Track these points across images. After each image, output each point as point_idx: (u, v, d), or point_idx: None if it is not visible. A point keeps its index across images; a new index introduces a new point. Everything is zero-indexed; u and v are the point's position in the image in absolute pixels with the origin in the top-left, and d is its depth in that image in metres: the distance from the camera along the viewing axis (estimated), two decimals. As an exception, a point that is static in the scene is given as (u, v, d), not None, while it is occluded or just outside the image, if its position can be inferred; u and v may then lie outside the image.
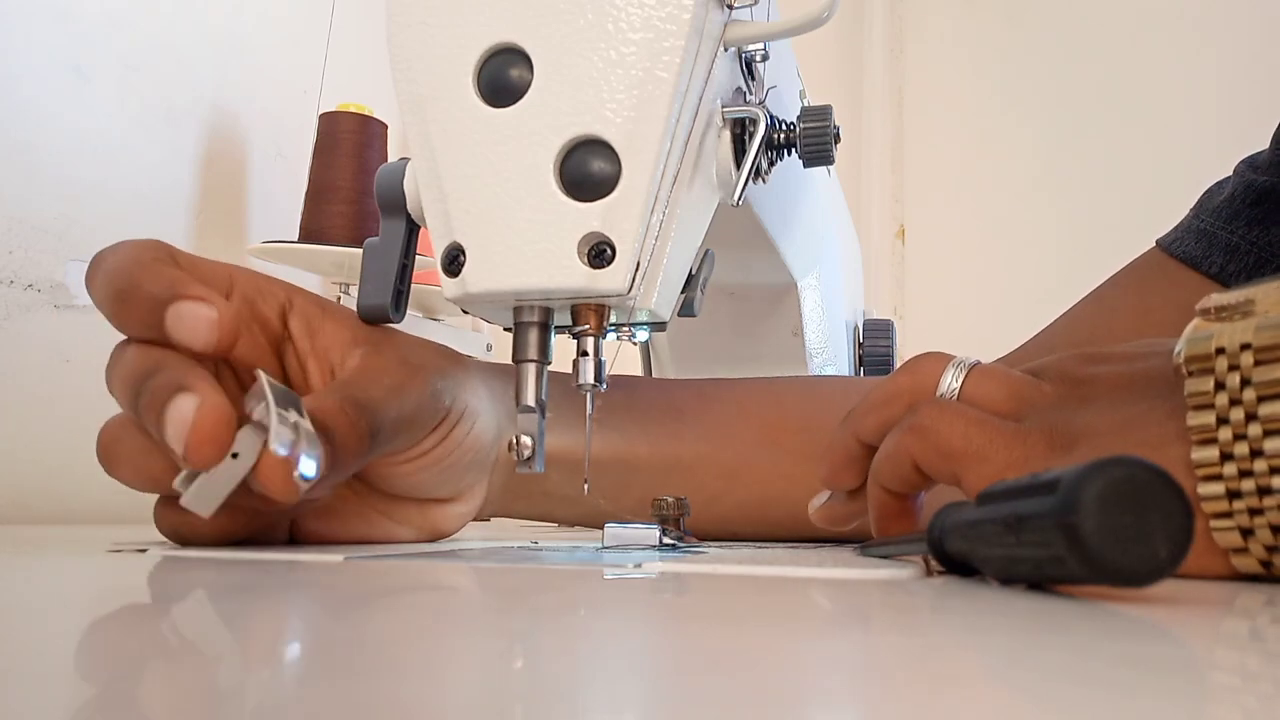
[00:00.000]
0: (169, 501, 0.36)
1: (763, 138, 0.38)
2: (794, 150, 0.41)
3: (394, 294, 0.42)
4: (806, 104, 0.53)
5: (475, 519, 0.48)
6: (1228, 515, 0.26)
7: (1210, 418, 0.27)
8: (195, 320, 0.34)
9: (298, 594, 0.24)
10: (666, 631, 0.18)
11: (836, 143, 0.41)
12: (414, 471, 0.42)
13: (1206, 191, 0.55)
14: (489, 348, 1.01)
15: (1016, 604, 0.22)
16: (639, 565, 0.32)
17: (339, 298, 0.85)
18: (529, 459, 0.36)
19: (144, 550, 0.35)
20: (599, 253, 0.35)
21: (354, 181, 0.85)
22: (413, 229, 0.42)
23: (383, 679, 0.13)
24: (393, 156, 0.88)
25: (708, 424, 0.50)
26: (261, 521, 0.38)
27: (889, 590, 0.25)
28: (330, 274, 0.87)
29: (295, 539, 0.41)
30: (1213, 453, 0.26)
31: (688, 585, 0.26)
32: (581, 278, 0.35)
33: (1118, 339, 0.49)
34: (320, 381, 0.41)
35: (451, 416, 0.42)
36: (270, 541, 0.40)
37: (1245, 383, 0.26)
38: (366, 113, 0.87)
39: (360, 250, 0.43)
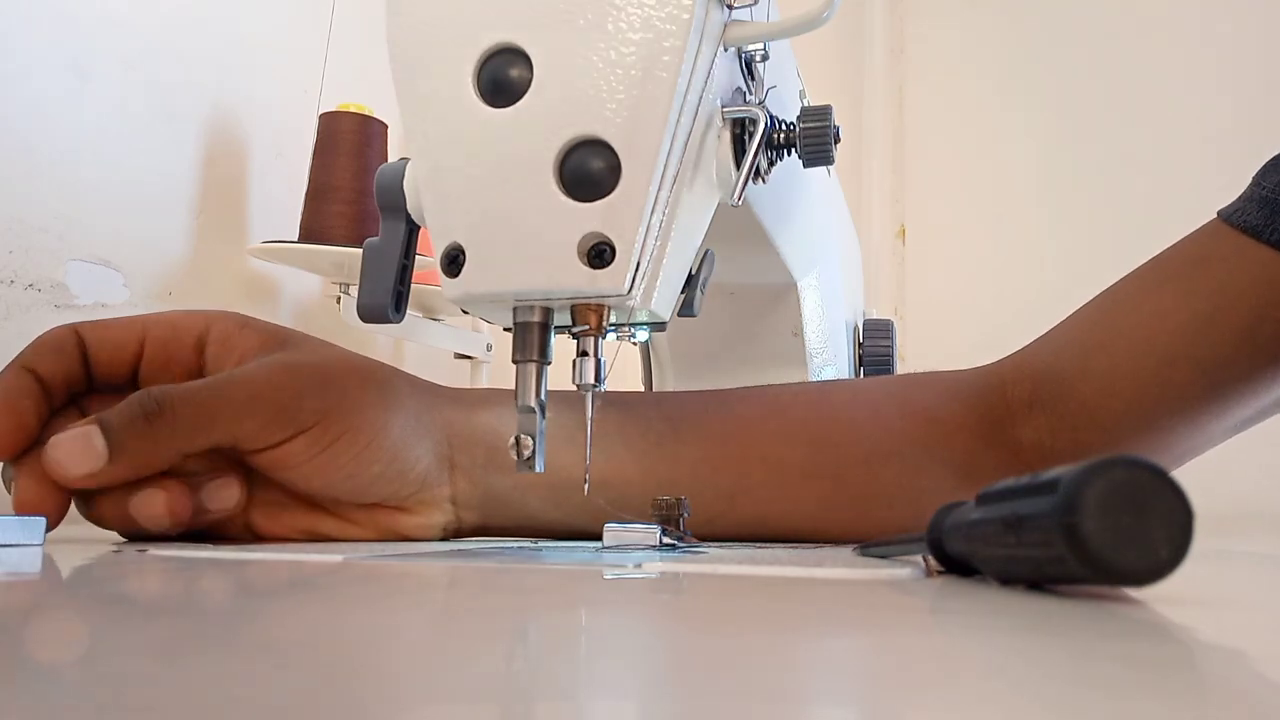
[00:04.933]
0: (99, 499, 0.39)
1: (762, 138, 0.38)
2: (794, 150, 0.41)
3: (394, 294, 0.42)
4: (806, 104, 0.53)
5: (456, 536, 0.47)
6: None
7: None
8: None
9: (297, 593, 0.24)
10: (666, 631, 0.18)
11: (836, 143, 0.41)
12: (306, 476, 0.42)
13: (1269, 161, 0.53)
14: (489, 348, 1.01)
15: (1016, 604, 0.22)
16: (639, 565, 0.32)
17: (339, 298, 0.85)
18: (529, 459, 0.36)
19: (143, 550, 0.35)
20: (599, 253, 0.35)
21: (354, 181, 0.85)
22: (413, 229, 0.42)
23: (382, 679, 0.13)
24: (393, 156, 0.88)
25: (706, 444, 0.48)
26: (208, 518, 0.41)
27: (889, 590, 0.25)
28: (330, 274, 0.86)
29: (251, 533, 0.43)
30: None
31: (688, 585, 0.26)
32: (581, 278, 0.35)
33: (1167, 310, 0.46)
34: None
35: (328, 430, 0.41)
36: (225, 536, 0.42)
37: None
38: (366, 113, 0.87)
39: (360, 250, 0.43)
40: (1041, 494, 0.21)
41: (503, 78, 0.35)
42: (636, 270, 0.35)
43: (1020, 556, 0.22)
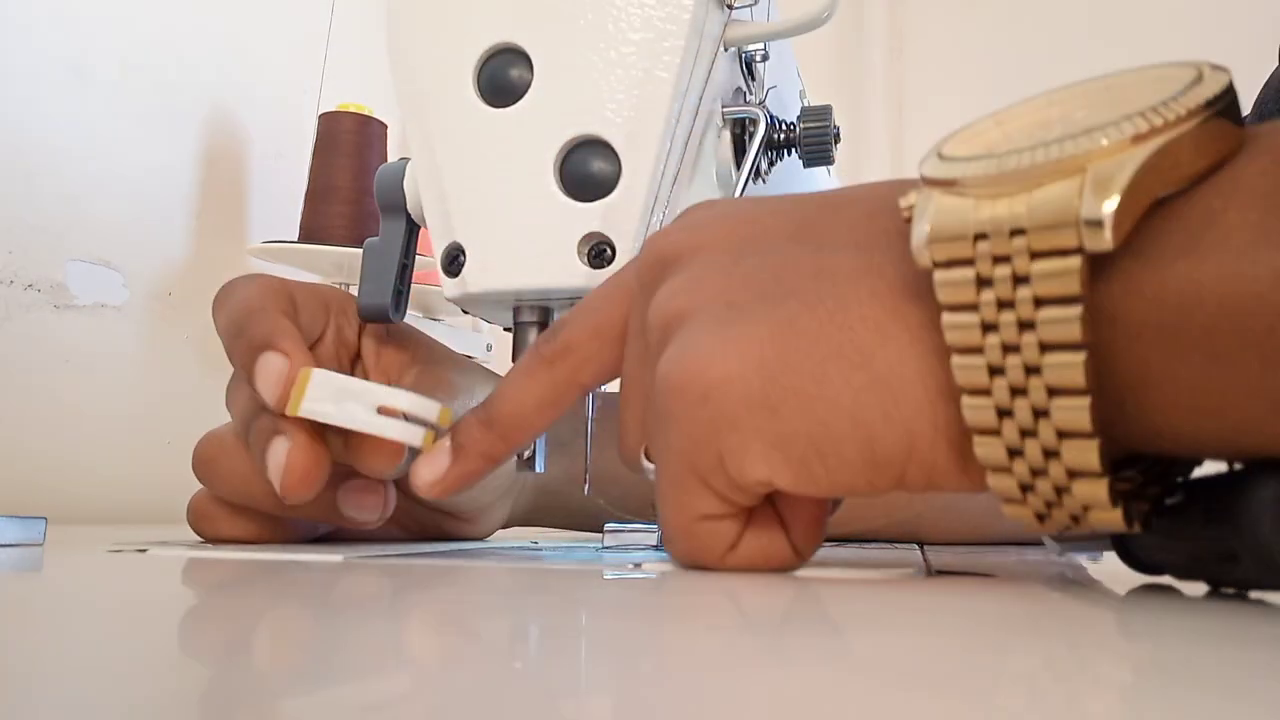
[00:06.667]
0: (216, 504, 0.39)
1: (763, 138, 0.38)
2: (794, 150, 0.41)
3: (394, 294, 0.42)
4: (806, 104, 0.53)
5: (503, 527, 0.49)
6: (1008, 471, 0.22)
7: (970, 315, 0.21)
8: (270, 370, 0.35)
9: (296, 594, 0.24)
10: (666, 632, 0.18)
11: (836, 143, 0.41)
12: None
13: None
14: (489, 348, 1.01)
15: (1016, 604, 0.22)
16: (639, 565, 0.32)
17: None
18: (529, 459, 0.36)
19: (144, 550, 0.35)
20: (599, 253, 0.35)
21: (354, 181, 0.85)
22: (413, 229, 0.42)
23: (380, 679, 0.13)
24: (393, 156, 0.88)
25: None
26: (290, 532, 0.41)
27: (889, 590, 0.25)
28: (330, 274, 0.87)
29: (325, 538, 0.43)
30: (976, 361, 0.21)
31: (687, 585, 0.26)
32: (582, 278, 0.35)
33: None
34: None
35: None
36: (295, 543, 0.42)
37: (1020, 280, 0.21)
38: (366, 113, 0.87)
39: (360, 250, 0.43)
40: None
41: (503, 78, 0.35)
42: (636, 270, 0.35)
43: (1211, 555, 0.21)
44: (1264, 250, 0.19)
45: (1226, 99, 0.21)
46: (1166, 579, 0.25)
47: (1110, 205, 0.20)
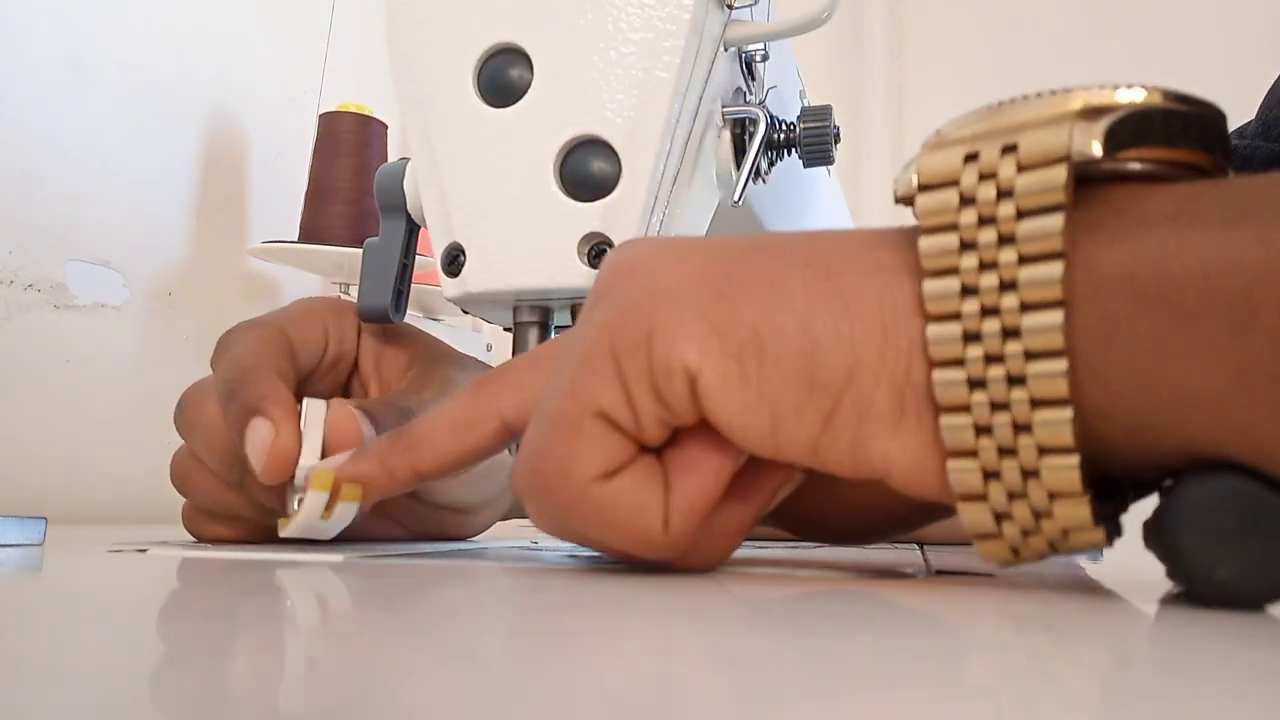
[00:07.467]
0: (203, 511, 0.40)
1: (763, 138, 0.38)
2: (794, 150, 0.41)
3: (394, 294, 0.42)
4: (806, 104, 0.53)
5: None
6: (965, 409, 0.21)
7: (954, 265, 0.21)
8: (257, 439, 0.35)
9: (297, 594, 0.24)
10: (665, 632, 0.18)
11: (836, 143, 0.41)
12: (449, 486, 0.42)
13: None
14: (489, 348, 1.01)
15: (1016, 604, 0.22)
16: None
17: (339, 297, 0.85)
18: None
19: (144, 550, 0.35)
20: (599, 253, 0.35)
21: (354, 181, 0.85)
22: (413, 229, 0.42)
23: (380, 679, 0.13)
24: (393, 156, 0.88)
25: None
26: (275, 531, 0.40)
27: (889, 590, 0.25)
28: (330, 274, 0.87)
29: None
30: (953, 329, 0.21)
31: (688, 585, 0.26)
32: (581, 278, 0.35)
33: None
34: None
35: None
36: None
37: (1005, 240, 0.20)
38: (366, 113, 0.87)
39: (360, 250, 0.43)
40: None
41: (503, 78, 0.35)
42: (636, 270, 0.35)
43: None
44: (1246, 219, 0.19)
45: (1202, 110, 0.22)
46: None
47: (1101, 127, 0.20)
